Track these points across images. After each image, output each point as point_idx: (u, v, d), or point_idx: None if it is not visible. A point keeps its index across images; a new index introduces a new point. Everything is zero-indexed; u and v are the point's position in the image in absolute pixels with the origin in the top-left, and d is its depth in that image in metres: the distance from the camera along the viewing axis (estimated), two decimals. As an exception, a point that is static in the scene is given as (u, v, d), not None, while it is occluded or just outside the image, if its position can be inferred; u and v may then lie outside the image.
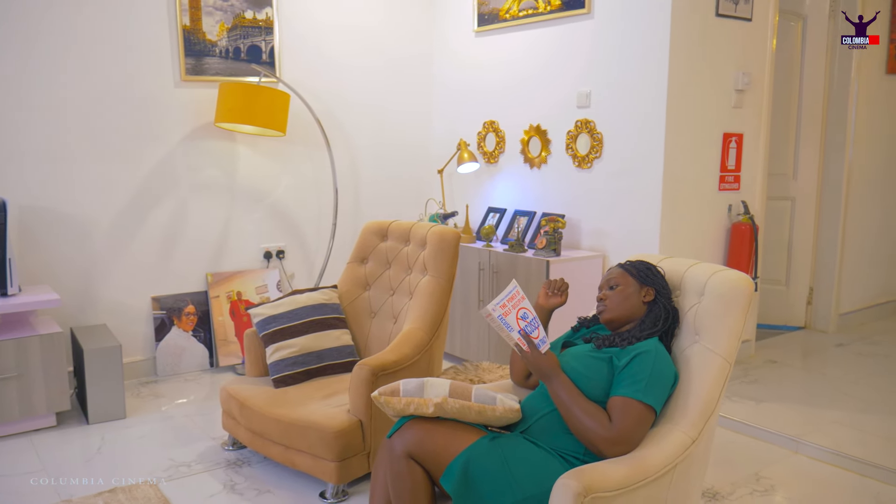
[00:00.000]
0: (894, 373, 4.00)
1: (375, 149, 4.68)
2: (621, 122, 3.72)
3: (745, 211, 3.93)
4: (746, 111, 3.89)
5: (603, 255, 3.85)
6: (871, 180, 4.87)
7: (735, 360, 2.05)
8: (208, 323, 4.10)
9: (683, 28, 3.50)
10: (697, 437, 1.95)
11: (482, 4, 4.43)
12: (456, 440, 1.98)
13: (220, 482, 2.77)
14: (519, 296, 2.10)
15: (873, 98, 4.74)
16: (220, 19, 4.01)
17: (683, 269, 2.25)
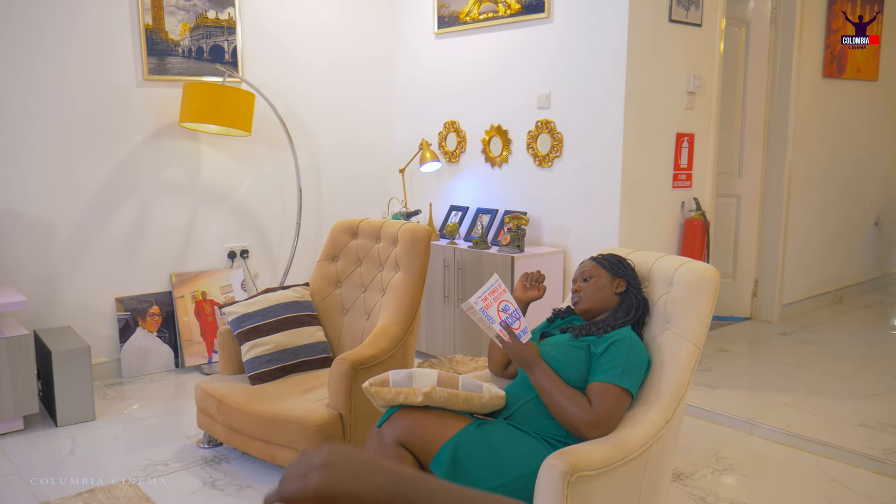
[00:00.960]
0: (835, 358, 4.25)
1: (337, 148, 4.73)
2: (581, 123, 3.86)
3: (697, 207, 4.12)
4: (697, 112, 4.09)
5: (564, 251, 3.99)
6: (810, 178, 5.15)
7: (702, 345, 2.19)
8: (173, 323, 4.09)
9: (639, 33, 3.66)
10: (671, 417, 2.08)
11: (442, 7, 4.53)
12: (444, 427, 2.07)
13: (199, 479, 2.79)
14: (500, 289, 2.20)
15: (811, 100, 5.01)
16: (183, 19, 4.00)
17: (651, 262, 2.39)
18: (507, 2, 4.13)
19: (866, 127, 5.70)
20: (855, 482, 2.79)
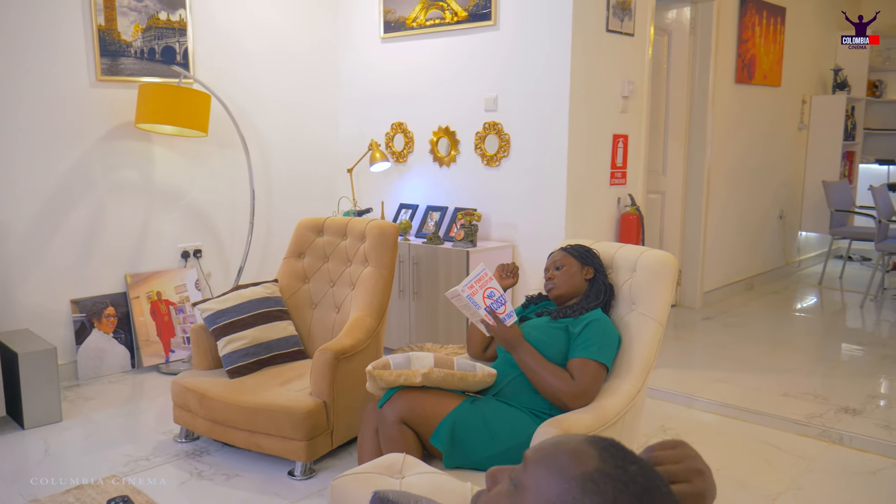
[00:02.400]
0: (753, 339, 4.68)
1: (286, 148, 4.82)
2: (527, 125, 4.12)
3: (632, 203, 4.45)
4: (630, 115, 4.42)
5: (512, 246, 4.23)
6: (726, 175, 5.61)
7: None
8: (129, 324, 4.09)
9: (581, 42, 3.94)
10: (641, 386, 2.35)
11: (388, 13, 4.69)
12: (441, 405, 2.26)
13: (185, 471, 2.87)
14: (487, 277, 2.41)
15: (725, 104, 5.46)
16: (135, 20, 4.01)
17: (614, 251, 2.65)
18: (453, 9, 4.34)
19: (771, 128, 6.24)
20: (784, 443, 3.15)
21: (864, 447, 3.10)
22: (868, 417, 3.38)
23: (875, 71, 7.56)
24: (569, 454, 0.84)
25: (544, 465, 0.85)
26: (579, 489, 0.80)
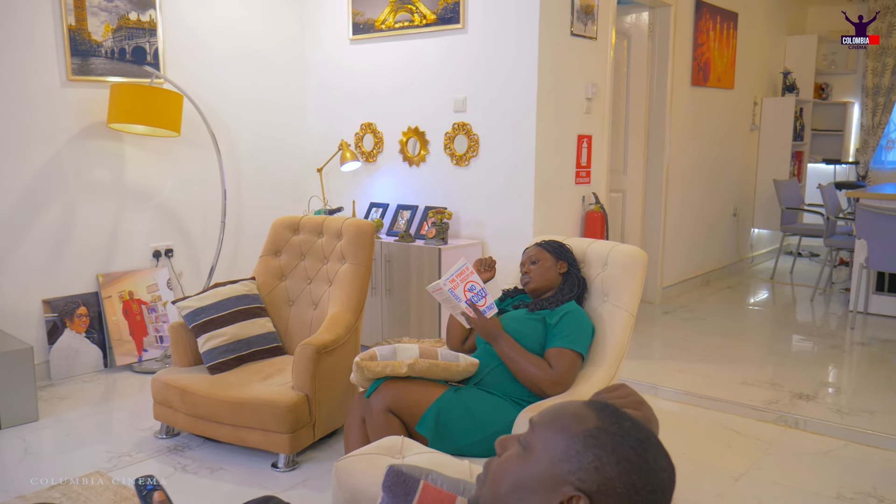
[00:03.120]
0: (711, 331, 4.89)
1: (256, 149, 4.86)
2: (496, 125, 4.24)
3: (596, 201, 4.61)
4: (594, 116, 4.57)
5: (482, 242, 4.35)
6: (683, 175, 5.82)
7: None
8: (101, 323, 4.09)
9: (547, 45, 4.08)
10: (615, 373, 2.48)
11: (357, 14, 4.77)
12: (426, 394, 2.36)
13: (169, 466, 2.91)
14: (468, 271, 2.52)
15: (682, 105, 5.67)
16: (106, 20, 4.01)
17: (585, 246, 2.78)
18: (422, 12, 4.44)
19: (725, 129, 6.48)
20: (744, 428, 3.33)
21: (818, 430, 3.29)
22: (820, 403, 3.59)
23: (821, 74, 7.90)
24: (570, 416, 0.97)
25: (550, 428, 0.97)
26: (582, 444, 0.93)
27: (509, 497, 0.96)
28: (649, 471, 0.92)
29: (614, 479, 0.91)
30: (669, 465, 0.96)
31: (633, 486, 0.91)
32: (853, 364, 4.37)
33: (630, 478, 0.91)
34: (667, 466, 0.96)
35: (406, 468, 1.29)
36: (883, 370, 4.15)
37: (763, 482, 2.82)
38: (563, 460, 0.92)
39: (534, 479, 0.94)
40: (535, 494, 0.93)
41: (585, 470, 0.91)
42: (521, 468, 0.96)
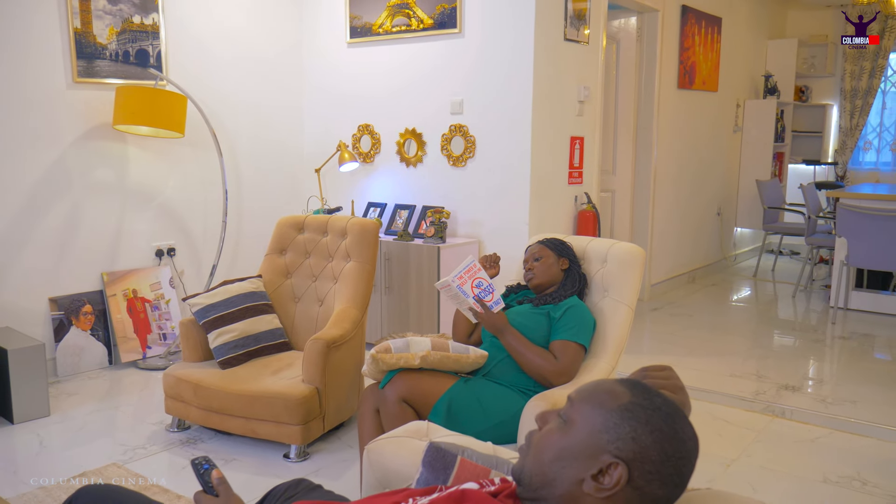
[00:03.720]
0: (699, 326, 5.05)
1: (254, 149, 4.94)
2: (492, 127, 4.36)
3: (588, 201, 4.75)
4: (586, 118, 4.71)
5: (479, 241, 4.47)
6: (670, 175, 5.98)
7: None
8: (105, 321, 4.16)
9: (542, 50, 4.21)
10: (615, 364, 2.62)
11: (355, 18, 4.87)
12: (438, 385, 2.47)
13: (183, 458, 3.00)
14: (476, 268, 2.64)
15: (669, 108, 5.83)
16: (110, 23, 4.09)
17: (585, 244, 2.91)
18: (419, 17, 4.55)
19: (709, 131, 6.66)
20: (733, 418, 3.48)
21: (804, 419, 3.45)
22: (805, 393, 3.75)
23: (801, 77, 8.12)
24: (606, 392, 1.10)
25: (588, 402, 1.10)
26: (619, 417, 1.05)
27: (553, 465, 1.08)
28: (679, 440, 1.05)
29: (649, 447, 1.03)
30: (694, 436, 1.09)
31: (665, 454, 1.04)
32: (835, 357, 4.55)
33: (662, 446, 1.03)
34: (693, 437, 1.08)
35: (444, 445, 1.40)
36: (863, 363, 4.33)
37: (753, 468, 2.97)
38: (601, 431, 1.05)
39: (575, 449, 1.06)
40: (577, 462, 1.05)
41: (623, 440, 1.03)
42: (562, 439, 1.08)
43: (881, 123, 8.00)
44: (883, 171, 7.96)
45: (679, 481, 1.07)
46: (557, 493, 1.07)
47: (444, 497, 1.15)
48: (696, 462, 1.10)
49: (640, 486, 1.04)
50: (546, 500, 1.08)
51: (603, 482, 1.03)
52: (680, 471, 1.06)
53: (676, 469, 1.05)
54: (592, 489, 1.04)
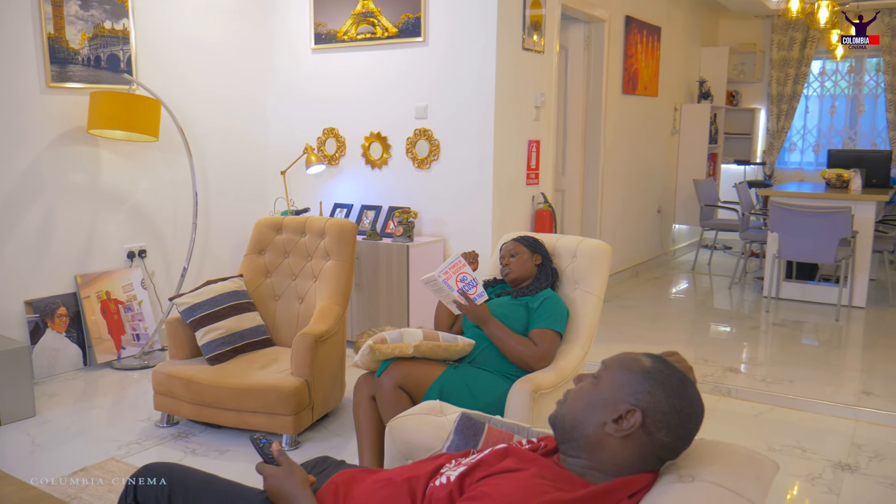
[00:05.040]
0: (646, 317, 5.41)
1: (221, 153, 5.05)
2: (455, 131, 4.59)
3: (544, 200, 5.03)
4: (542, 123, 5.00)
5: (443, 240, 4.70)
6: (615, 175, 6.33)
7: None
8: (80, 323, 4.22)
9: (504, 59, 4.47)
10: (588, 349, 2.89)
11: (319, 25, 5.03)
12: (430, 372, 2.69)
13: (178, 451, 3.13)
14: (461, 264, 2.88)
15: (615, 112, 6.18)
16: (82, 28, 4.15)
17: (554, 241, 3.18)
18: (384, 25, 4.75)
19: (650, 133, 7.06)
20: (685, 398, 3.81)
21: (748, 397, 3.81)
22: (747, 375, 4.12)
23: (732, 82, 8.63)
24: (632, 360, 1.35)
25: (616, 366, 1.35)
26: (641, 377, 1.31)
27: (583, 411, 1.33)
28: (687, 400, 1.30)
29: (661, 401, 1.28)
30: (701, 401, 1.34)
31: (673, 408, 1.29)
32: (770, 342, 4.96)
33: (672, 402, 1.29)
34: (699, 401, 1.34)
35: (473, 415, 1.63)
36: (796, 346, 4.75)
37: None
38: (625, 386, 1.30)
39: (602, 399, 1.31)
40: (602, 409, 1.31)
41: (641, 393, 1.29)
42: (593, 392, 1.33)
43: (804, 126, 8.58)
44: (807, 171, 8.55)
45: (684, 434, 1.32)
46: (585, 433, 1.31)
47: (491, 453, 1.38)
48: (700, 423, 1.34)
49: (651, 431, 1.29)
50: (576, 440, 1.33)
51: (622, 425, 1.28)
52: (685, 425, 1.31)
53: (682, 422, 1.30)
54: (613, 430, 1.29)
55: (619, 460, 1.30)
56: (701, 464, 1.32)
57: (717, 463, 1.32)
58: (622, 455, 1.29)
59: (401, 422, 1.92)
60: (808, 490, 2.86)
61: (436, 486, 1.37)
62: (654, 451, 1.31)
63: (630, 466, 1.30)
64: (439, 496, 1.33)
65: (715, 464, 1.31)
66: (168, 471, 1.64)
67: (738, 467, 1.31)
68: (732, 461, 1.33)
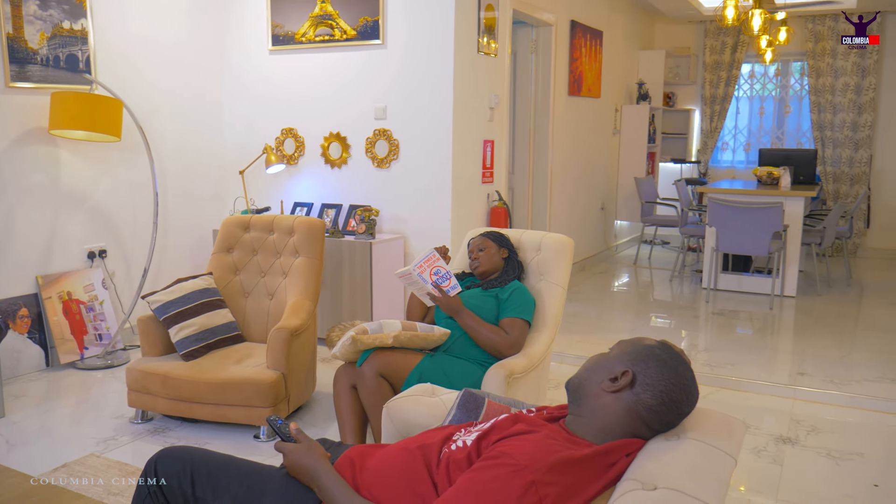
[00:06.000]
0: (595, 308, 5.67)
1: (178, 153, 5.07)
2: (415, 132, 4.74)
3: (499, 198, 5.23)
4: (495, 123, 5.19)
5: (403, 237, 4.85)
6: (562, 174, 6.59)
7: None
8: (41, 324, 4.20)
9: (461, 61, 4.64)
10: (554, 335, 3.09)
11: (277, 27, 5.10)
12: (408, 361, 2.84)
13: (157, 445, 3.19)
14: (435, 258, 3.04)
15: (561, 113, 6.43)
16: (41, 28, 4.13)
17: (519, 236, 3.37)
18: (342, 28, 4.86)
19: (593, 133, 7.35)
20: (638, 383, 4.06)
21: (694, 380, 4.08)
22: (692, 360, 4.40)
23: (668, 84, 9.03)
24: (638, 340, 1.53)
25: (625, 343, 1.53)
26: (643, 350, 1.50)
27: (589, 371, 1.53)
28: (678, 373, 1.49)
29: (654, 369, 1.47)
30: (693, 380, 1.52)
31: (663, 377, 1.47)
32: (711, 329, 5.28)
33: (663, 372, 1.47)
34: (692, 380, 1.51)
35: (474, 391, 1.79)
36: (734, 333, 5.07)
37: (661, 421, 3.53)
38: (626, 355, 1.49)
39: (606, 365, 1.51)
40: (604, 370, 1.50)
41: (638, 361, 1.48)
42: (600, 359, 1.52)
43: (736, 126, 9.04)
44: (738, 169, 9.01)
45: (668, 401, 1.48)
46: (587, 392, 1.51)
47: (503, 419, 1.54)
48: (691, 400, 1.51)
49: (638, 392, 1.47)
50: (581, 397, 1.52)
51: (615, 383, 1.47)
52: (671, 393, 1.48)
53: (667, 390, 1.48)
54: (607, 386, 1.48)
55: (610, 413, 1.48)
56: (683, 426, 1.51)
57: (697, 424, 1.51)
58: (612, 408, 1.48)
59: (398, 403, 2.07)
60: (755, 462, 3.12)
61: (451, 450, 1.53)
62: (638, 411, 1.48)
63: (619, 425, 1.48)
64: (458, 458, 1.48)
65: (696, 425, 1.51)
66: (188, 451, 1.74)
67: (715, 427, 1.51)
68: (709, 422, 1.53)
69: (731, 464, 1.41)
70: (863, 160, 8.09)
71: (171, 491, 1.69)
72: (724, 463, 1.40)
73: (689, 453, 1.41)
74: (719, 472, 1.36)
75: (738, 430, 1.53)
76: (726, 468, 1.39)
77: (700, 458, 1.39)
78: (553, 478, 1.35)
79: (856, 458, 3.15)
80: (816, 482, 2.95)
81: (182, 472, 1.70)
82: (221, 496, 1.65)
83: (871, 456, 3.18)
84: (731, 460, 1.42)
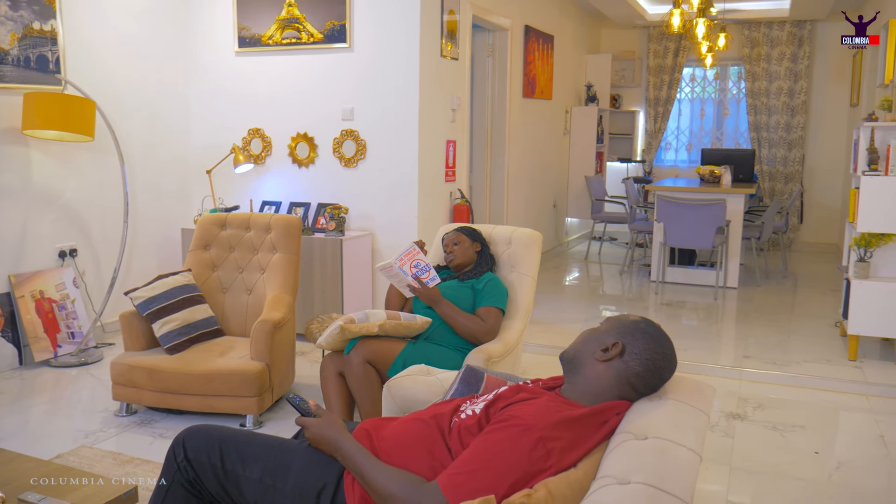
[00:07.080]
0: (552, 301, 5.94)
1: (145, 152, 5.12)
2: (381, 132, 4.92)
3: (461, 196, 5.44)
4: (457, 124, 5.40)
5: (372, 234, 5.02)
6: (518, 173, 6.84)
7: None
8: (14, 323, 4.23)
9: (426, 64, 4.83)
10: (526, 323, 3.31)
11: (243, 29, 5.20)
12: (393, 348, 3.03)
13: (146, 436, 3.30)
14: (415, 251, 3.23)
15: (517, 114, 6.68)
16: (12, 29, 4.16)
17: (490, 230, 3.59)
18: (309, 31, 5.00)
19: (546, 134, 7.64)
20: (598, 368, 4.33)
21: (650, 365, 4.37)
22: (647, 346, 4.69)
23: (615, 87, 9.40)
24: (624, 316, 1.76)
25: (613, 319, 1.75)
26: (630, 324, 1.72)
27: (582, 344, 1.75)
28: (661, 344, 1.72)
29: (640, 340, 1.70)
30: (673, 351, 1.75)
31: (648, 347, 1.70)
32: (661, 319, 5.60)
33: (648, 343, 1.70)
34: (671, 350, 1.74)
35: (475, 366, 1.99)
36: (682, 321, 5.40)
37: (621, 402, 3.80)
38: (615, 329, 1.71)
39: (597, 337, 1.73)
40: (596, 342, 1.72)
41: (626, 334, 1.70)
42: (592, 333, 1.74)
43: (678, 127, 9.47)
44: (681, 168, 9.44)
45: (653, 367, 1.71)
46: (581, 361, 1.73)
47: (507, 389, 1.75)
48: (671, 367, 1.74)
49: (627, 360, 1.70)
50: (575, 367, 1.73)
51: (606, 354, 1.69)
52: (655, 361, 1.71)
53: (652, 358, 1.71)
54: (599, 356, 1.70)
55: (602, 380, 1.70)
56: (664, 390, 1.75)
57: (674, 388, 1.75)
58: (604, 375, 1.70)
59: (398, 381, 2.26)
60: (709, 436, 3.41)
61: (462, 418, 1.72)
62: (627, 377, 1.70)
63: (609, 390, 1.70)
64: (468, 424, 1.68)
65: (674, 389, 1.74)
66: (215, 428, 1.89)
67: (690, 390, 1.75)
68: (685, 386, 1.76)
69: (705, 419, 1.65)
70: (796, 159, 8.60)
71: (201, 465, 1.84)
72: (700, 417, 1.64)
73: (671, 410, 1.64)
74: (697, 424, 1.60)
75: (708, 392, 1.77)
76: (702, 421, 1.62)
77: (680, 414, 1.63)
78: (557, 433, 1.57)
79: (798, 430, 3.47)
80: (764, 452, 3.25)
81: (210, 447, 1.85)
82: (252, 467, 1.81)
83: (811, 428, 3.51)
84: (705, 416, 1.66)
